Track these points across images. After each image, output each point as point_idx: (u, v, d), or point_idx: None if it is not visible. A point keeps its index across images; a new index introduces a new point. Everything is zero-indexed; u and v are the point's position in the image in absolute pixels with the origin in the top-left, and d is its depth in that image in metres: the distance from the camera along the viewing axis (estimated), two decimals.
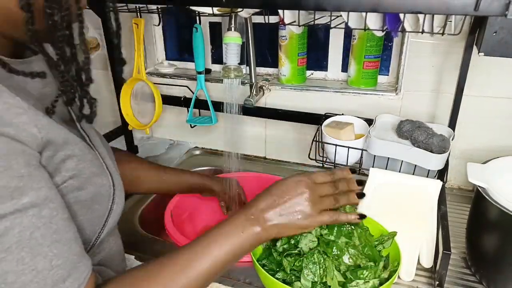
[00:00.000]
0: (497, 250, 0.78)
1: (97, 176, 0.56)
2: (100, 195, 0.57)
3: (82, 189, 0.54)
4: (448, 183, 1.16)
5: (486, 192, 0.76)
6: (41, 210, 0.45)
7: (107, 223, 0.59)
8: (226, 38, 1.03)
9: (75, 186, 0.52)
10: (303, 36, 1.20)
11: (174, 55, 1.49)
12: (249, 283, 0.83)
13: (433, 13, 0.69)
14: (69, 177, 0.52)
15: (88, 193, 0.55)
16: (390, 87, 1.19)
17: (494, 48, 0.67)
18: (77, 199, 0.53)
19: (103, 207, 0.58)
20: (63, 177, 0.51)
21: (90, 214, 0.56)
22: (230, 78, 1.07)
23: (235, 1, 0.76)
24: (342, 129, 1.02)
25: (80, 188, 0.53)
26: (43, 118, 0.48)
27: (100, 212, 0.57)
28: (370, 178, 0.95)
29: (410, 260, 0.82)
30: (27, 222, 0.43)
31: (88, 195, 0.55)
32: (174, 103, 1.35)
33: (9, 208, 0.42)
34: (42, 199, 0.45)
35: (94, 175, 0.56)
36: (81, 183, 0.53)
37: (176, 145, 1.48)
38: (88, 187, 0.54)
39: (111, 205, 0.59)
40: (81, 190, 0.53)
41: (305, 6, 0.67)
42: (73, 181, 0.52)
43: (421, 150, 0.92)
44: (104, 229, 0.59)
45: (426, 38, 1.03)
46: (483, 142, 1.09)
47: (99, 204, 0.57)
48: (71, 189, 0.52)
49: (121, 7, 1.07)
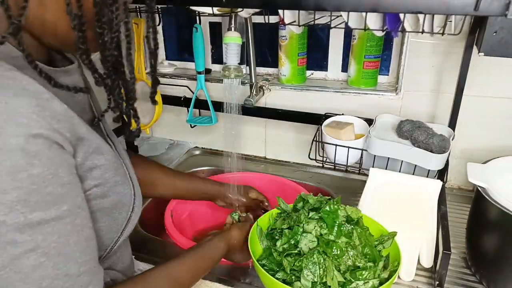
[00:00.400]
0: (497, 250, 0.78)
1: (120, 185, 0.57)
2: (121, 203, 0.58)
3: (105, 197, 0.54)
4: (448, 183, 1.16)
5: (486, 192, 0.76)
6: (76, 218, 0.46)
7: (125, 231, 0.60)
8: (226, 38, 1.02)
9: (98, 194, 0.53)
10: (303, 36, 1.20)
11: (174, 55, 1.49)
12: (249, 283, 0.83)
13: (433, 13, 0.69)
14: (94, 185, 0.52)
15: (110, 201, 0.56)
16: (390, 87, 1.19)
17: (494, 48, 0.67)
18: (99, 206, 0.54)
19: (122, 215, 0.59)
20: (88, 185, 0.52)
21: (110, 222, 0.57)
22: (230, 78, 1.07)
23: (235, 1, 0.76)
24: (342, 129, 1.02)
25: (103, 196, 0.54)
26: (79, 125, 0.49)
27: (119, 220, 0.58)
28: (370, 178, 0.95)
29: (410, 260, 0.82)
30: (65, 229, 0.45)
31: (110, 203, 0.56)
32: (174, 103, 1.35)
33: (52, 214, 0.43)
34: (77, 207, 0.47)
35: (118, 184, 0.57)
36: (104, 191, 0.54)
37: (176, 145, 1.48)
38: (110, 195, 0.55)
39: (130, 214, 0.60)
40: (104, 198, 0.54)
41: (305, 6, 0.67)
42: (97, 189, 0.53)
43: (421, 150, 0.92)
44: (121, 237, 0.60)
45: (426, 38, 1.03)
46: (483, 142, 1.09)
47: (119, 212, 0.58)
48: (94, 197, 0.53)
49: None
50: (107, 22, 0.47)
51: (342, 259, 0.68)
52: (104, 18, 0.47)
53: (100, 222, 0.55)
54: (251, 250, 0.73)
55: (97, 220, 0.55)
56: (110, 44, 0.49)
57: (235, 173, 1.17)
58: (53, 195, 0.43)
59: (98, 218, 0.55)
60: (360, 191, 0.95)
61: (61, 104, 0.45)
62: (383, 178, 0.94)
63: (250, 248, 0.73)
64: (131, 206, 0.60)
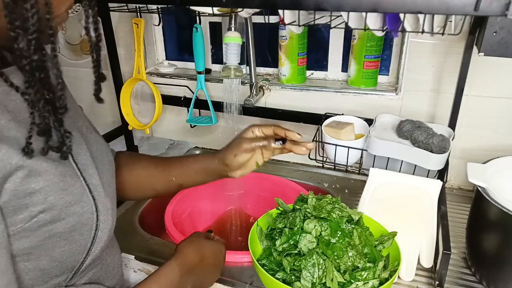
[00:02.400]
0: (497, 250, 0.78)
1: (75, 205, 0.51)
2: (80, 224, 0.52)
3: (57, 221, 0.49)
4: (448, 183, 1.16)
5: (486, 192, 0.76)
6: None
7: (91, 251, 0.55)
8: (226, 38, 1.03)
9: (47, 219, 0.48)
10: (303, 36, 1.20)
11: (174, 55, 1.49)
12: (249, 283, 0.83)
13: (433, 13, 0.69)
14: (39, 212, 0.47)
15: (65, 224, 0.50)
16: (390, 87, 1.19)
17: (494, 48, 0.67)
18: (52, 232, 0.49)
19: (84, 236, 0.53)
20: (31, 212, 0.47)
21: (70, 245, 0.52)
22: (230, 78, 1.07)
23: (235, 1, 0.76)
24: (342, 129, 1.02)
25: (54, 220, 0.49)
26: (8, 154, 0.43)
27: (81, 241, 0.53)
28: (370, 178, 0.95)
29: (410, 260, 0.82)
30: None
31: (65, 227, 0.50)
32: (174, 103, 1.35)
33: None
34: None
35: (71, 204, 0.51)
36: (54, 215, 0.49)
37: (176, 145, 1.48)
38: (64, 218, 0.50)
39: (94, 233, 0.54)
40: (56, 223, 0.49)
41: (305, 6, 0.67)
42: (45, 215, 0.48)
43: (421, 150, 0.92)
44: (88, 257, 0.55)
45: (426, 38, 1.03)
46: (483, 142, 1.09)
47: (79, 234, 0.52)
48: (43, 223, 0.48)
49: (121, 7, 1.07)
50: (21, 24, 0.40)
51: (342, 259, 0.68)
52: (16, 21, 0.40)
53: (58, 248, 0.50)
54: (251, 250, 0.73)
55: (54, 246, 0.50)
56: (27, 49, 0.41)
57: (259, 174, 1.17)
58: None
59: (55, 244, 0.50)
60: (360, 191, 0.95)
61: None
62: (383, 178, 0.94)
63: (250, 248, 0.74)
64: (93, 225, 0.54)
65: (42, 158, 0.47)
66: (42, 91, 0.44)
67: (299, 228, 0.72)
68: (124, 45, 1.37)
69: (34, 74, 0.43)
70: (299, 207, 0.76)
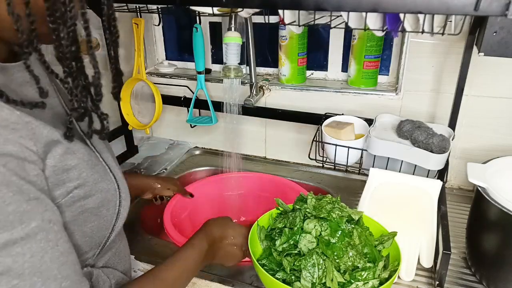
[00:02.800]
0: (497, 250, 0.78)
1: (102, 182, 0.56)
2: (106, 200, 0.56)
3: (88, 197, 0.53)
4: (448, 183, 1.16)
5: (486, 192, 0.76)
6: (48, 234, 0.44)
7: (115, 226, 0.59)
8: (226, 38, 1.03)
9: (81, 195, 0.52)
10: (303, 36, 1.20)
11: (174, 55, 1.49)
12: (249, 283, 0.83)
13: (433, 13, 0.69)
14: (74, 187, 0.51)
15: (95, 200, 0.54)
16: (390, 87, 1.19)
17: (494, 48, 0.67)
18: (84, 208, 0.53)
19: (110, 212, 0.57)
20: (68, 188, 0.50)
21: (98, 220, 0.56)
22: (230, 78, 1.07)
23: (235, 1, 0.76)
24: (342, 129, 1.02)
25: (86, 196, 0.53)
26: (41, 128, 0.46)
27: (108, 217, 0.57)
28: (370, 178, 0.95)
29: (410, 260, 0.82)
30: (37, 247, 0.43)
31: (95, 202, 0.54)
32: (174, 103, 1.35)
33: (20, 233, 0.41)
34: (47, 222, 0.45)
35: (99, 181, 0.55)
36: (86, 191, 0.53)
37: (176, 145, 1.48)
38: (94, 194, 0.54)
39: (118, 209, 0.59)
40: (88, 198, 0.53)
41: (305, 6, 0.67)
42: (79, 190, 0.51)
43: (421, 150, 0.92)
44: (113, 232, 0.59)
45: (426, 38, 1.03)
46: (483, 142, 1.09)
47: (106, 209, 0.57)
48: (77, 199, 0.52)
49: (121, 7, 1.06)
50: (60, 16, 0.43)
51: (342, 259, 0.68)
52: (57, 13, 0.43)
53: (88, 223, 0.54)
54: (251, 250, 0.73)
55: (85, 221, 0.53)
56: (66, 39, 0.44)
57: (236, 173, 1.17)
58: (17, 214, 0.41)
59: (86, 219, 0.53)
60: (360, 191, 0.95)
61: (11, 111, 0.44)
62: (383, 178, 0.94)
63: (250, 248, 0.73)
64: (117, 201, 0.58)
65: (74, 133, 0.52)
66: (80, 79, 0.48)
67: (299, 228, 0.72)
68: (124, 45, 1.37)
69: (71, 63, 0.47)
70: (299, 207, 0.76)
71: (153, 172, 1.29)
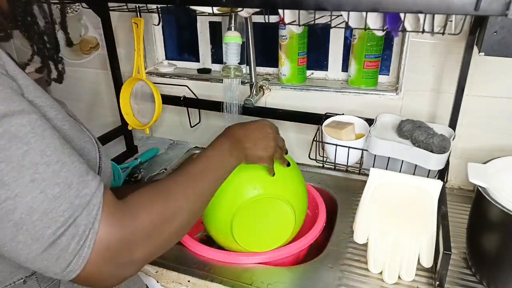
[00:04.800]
0: (498, 250, 0.78)
1: (80, 133, 0.55)
2: (86, 149, 0.55)
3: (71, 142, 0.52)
4: (449, 183, 1.16)
5: (487, 192, 0.76)
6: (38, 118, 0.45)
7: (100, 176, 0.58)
8: (226, 38, 1.02)
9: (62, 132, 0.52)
10: (303, 36, 1.20)
11: (174, 55, 1.49)
12: (249, 284, 0.83)
13: (433, 13, 0.69)
14: None
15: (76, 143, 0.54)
16: (391, 87, 1.19)
17: (494, 48, 0.67)
18: None
19: (92, 156, 0.56)
20: None
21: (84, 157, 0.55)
22: (230, 77, 1.07)
23: (235, 1, 0.76)
24: (343, 129, 1.02)
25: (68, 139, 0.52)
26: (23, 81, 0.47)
27: (92, 159, 0.56)
28: (371, 178, 0.95)
29: (410, 260, 0.82)
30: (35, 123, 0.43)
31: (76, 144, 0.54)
32: (174, 103, 1.35)
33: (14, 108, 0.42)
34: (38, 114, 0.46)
35: (77, 132, 0.55)
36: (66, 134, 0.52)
37: (176, 145, 1.48)
38: (74, 140, 0.53)
39: (99, 161, 0.57)
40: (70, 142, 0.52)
41: (305, 6, 0.67)
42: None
43: (421, 150, 0.92)
44: None
45: (426, 37, 1.03)
46: (484, 142, 1.09)
47: (88, 153, 0.56)
48: None
49: (121, 6, 1.06)
50: None
51: None
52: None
53: None
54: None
55: None
56: None
57: None
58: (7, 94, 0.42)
59: None
60: (361, 191, 0.95)
61: None
62: (384, 178, 0.94)
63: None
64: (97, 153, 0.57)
65: None
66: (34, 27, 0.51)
67: None
68: (124, 44, 1.37)
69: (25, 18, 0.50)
70: None
71: (152, 172, 1.28)
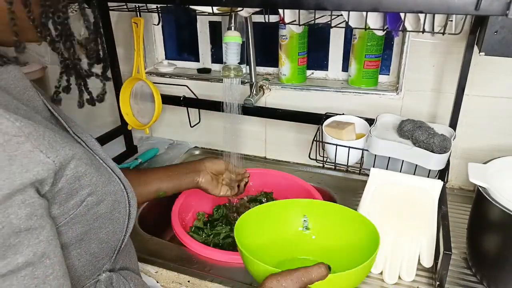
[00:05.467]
0: (498, 250, 0.78)
1: (109, 184, 0.54)
2: (117, 202, 0.55)
3: (100, 203, 0.52)
4: (449, 183, 1.16)
5: (487, 192, 0.76)
6: (35, 270, 0.41)
7: (128, 227, 0.59)
8: (226, 37, 1.02)
9: (94, 201, 0.51)
10: (303, 36, 1.20)
11: (174, 55, 1.49)
12: (249, 284, 0.83)
13: (434, 13, 0.68)
14: (87, 194, 0.49)
15: (107, 204, 0.53)
16: (391, 87, 1.19)
17: (495, 47, 0.67)
18: (98, 214, 0.52)
19: (122, 214, 0.56)
20: (81, 196, 0.49)
21: (113, 224, 0.55)
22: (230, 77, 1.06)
23: (235, 1, 0.76)
24: (343, 129, 1.02)
25: (99, 202, 0.52)
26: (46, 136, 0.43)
27: (120, 219, 0.56)
28: (371, 178, 0.95)
29: (411, 260, 0.82)
30: (18, 284, 0.40)
31: (107, 207, 0.53)
32: (174, 102, 1.35)
33: (2, 270, 0.39)
34: (39, 257, 0.42)
35: (106, 184, 0.53)
36: (98, 196, 0.51)
37: (175, 145, 1.47)
38: (105, 199, 0.52)
39: (128, 209, 0.58)
40: (100, 204, 0.52)
41: (305, 6, 0.67)
42: (91, 197, 0.50)
43: (422, 150, 0.92)
44: (127, 234, 0.59)
45: (427, 37, 1.03)
46: (484, 142, 1.09)
47: (118, 212, 0.56)
48: (91, 206, 0.50)
49: (121, 6, 1.06)
50: None
51: None
52: None
53: (103, 229, 0.53)
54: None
55: (100, 228, 0.53)
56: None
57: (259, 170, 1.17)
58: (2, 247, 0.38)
59: (101, 226, 0.53)
60: (361, 191, 0.95)
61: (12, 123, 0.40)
62: (384, 178, 0.94)
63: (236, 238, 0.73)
64: (126, 202, 0.57)
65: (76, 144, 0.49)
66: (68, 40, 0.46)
67: None
68: (124, 44, 1.37)
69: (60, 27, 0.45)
70: None
71: None
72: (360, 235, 0.76)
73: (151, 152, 1.38)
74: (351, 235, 0.78)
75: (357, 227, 0.77)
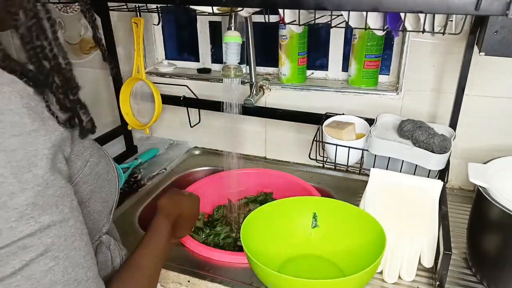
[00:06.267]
0: (498, 250, 0.78)
1: (100, 150, 0.58)
2: (108, 164, 0.59)
3: (98, 164, 0.55)
4: (449, 183, 1.16)
5: (487, 192, 0.76)
6: (76, 221, 0.46)
7: (118, 190, 0.62)
8: (226, 38, 1.02)
9: (94, 162, 0.54)
10: (303, 36, 1.20)
11: (174, 55, 1.49)
12: (249, 284, 0.83)
13: (434, 13, 0.68)
14: (90, 155, 0.53)
15: (103, 165, 0.57)
16: (391, 87, 1.19)
17: (494, 47, 0.67)
18: (99, 174, 0.55)
19: (114, 174, 0.60)
20: (85, 157, 0.52)
21: (109, 185, 0.58)
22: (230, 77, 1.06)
23: (235, 1, 0.76)
24: (343, 129, 1.02)
25: (97, 163, 0.55)
26: None
27: (113, 180, 0.60)
28: (371, 178, 0.95)
29: (411, 260, 0.82)
30: (69, 232, 0.44)
31: (103, 168, 0.57)
32: (174, 102, 1.35)
33: (58, 217, 0.43)
34: (75, 211, 0.46)
35: (99, 149, 0.58)
36: (96, 158, 0.55)
37: (175, 145, 1.47)
38: (101, 160, 0.56)
39: (117, 172, 0.62)
40: (98, 165, 0.55)
41: (305, 6, 0.67)
42: (92, 158, 0.54)
43: (422, 150, 0.92)
44: (118, 196, 0.61)
45: (427, 37, 1.03)
46: (484, 142, 1.09)
47: (112, 173, 0.59)
48: (93, 166, 0.54)
49: (121, 6, 1.06)
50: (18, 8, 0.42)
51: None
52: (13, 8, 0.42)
53: (104, 188, 0.57)
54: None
55: (102, 187, 0.56)
56: (28, 34, 0.43)
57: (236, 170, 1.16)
58: (55, 197, 0.43)
59: (102, 185, 0.56)
60: (361, 191, 0.95)
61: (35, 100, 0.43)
62: (384, 178, 0.94)
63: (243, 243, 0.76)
64: (113, 166, 0.61)
65: None
66: (52, 75, 0.46)
67: None
68: (124, 44, 1.37)
69: (39, 59, 0.45)
70: None
71: (152, 172, 1.28)
72: (367, 235, 0.81)
73: (151, 152, 1.38)
74: (358, 235, 0.84)
75: (365, 226, 0.82)
